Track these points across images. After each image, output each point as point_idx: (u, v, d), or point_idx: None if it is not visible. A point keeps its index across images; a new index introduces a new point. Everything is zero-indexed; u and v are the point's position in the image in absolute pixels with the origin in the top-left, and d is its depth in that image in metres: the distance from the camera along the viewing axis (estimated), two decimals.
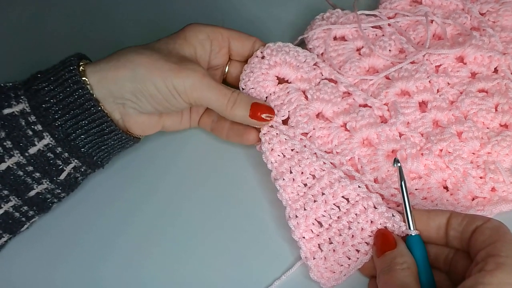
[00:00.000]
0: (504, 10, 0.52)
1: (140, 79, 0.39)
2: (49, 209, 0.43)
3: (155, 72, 0.40)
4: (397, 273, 0.35)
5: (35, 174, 0.39)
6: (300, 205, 0.41)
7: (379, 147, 0.44)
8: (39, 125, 0.39)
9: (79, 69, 0.40)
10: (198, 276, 0.41)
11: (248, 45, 0.47)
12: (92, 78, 0.40)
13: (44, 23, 0.60)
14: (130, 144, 0.45)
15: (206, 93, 0.41)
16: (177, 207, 0.45)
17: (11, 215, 0.41)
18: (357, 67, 0.49)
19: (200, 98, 0.41)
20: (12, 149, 0.38)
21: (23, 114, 0.38)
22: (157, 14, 0.59)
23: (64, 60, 0.41)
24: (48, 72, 0.40)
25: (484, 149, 0.44)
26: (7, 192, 0.39)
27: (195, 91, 0.41)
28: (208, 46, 0.45)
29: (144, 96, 0.40)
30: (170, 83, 0.40)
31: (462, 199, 0.42)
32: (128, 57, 0.40)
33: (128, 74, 0.39)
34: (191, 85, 0.40)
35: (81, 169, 0.42)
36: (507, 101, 0.46)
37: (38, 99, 0.39)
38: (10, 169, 0.39)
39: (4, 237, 0.42)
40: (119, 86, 0.40)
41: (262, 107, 0.44)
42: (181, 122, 0.47)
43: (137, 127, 0.43)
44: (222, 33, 0.46)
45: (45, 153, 0.39)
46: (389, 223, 0.39)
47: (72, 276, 0.42)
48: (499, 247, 0.32)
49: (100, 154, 0.43)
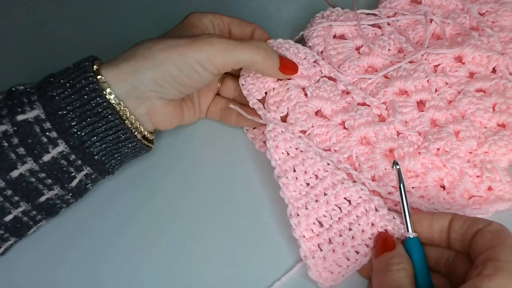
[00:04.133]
0: (503, 11, 0.52)
1: (160, 63, 0.39)
2: (57, 213, 0.42)
3: (172, 52, 0.39)
4: (393, 274, 0.35)
5: (47, 180, 0.39)
6: (302, 204, 0.41)
7: (377, 146, 0.45)
8: (54, 132, 0.38)
9: (95, 72, 0.39)
10: (199, 277, 0.41)
11: (248, 31, 0.48)
12: (110, 76, 0.39)
13: (50, 22, 0.60)
14: (142, 153, 0.44)
15: (230, 53, 0.40)
16: (178, 207, 0.45)
17: (20, 220, 0.40)
18: (356, 66, 0.49)
19: (226, 61, 0.40)
20: (26, 156, 0.37)
21: (38, 121, 0.37)
22: (160, 14, 0.60)
23: (78, 64, 0.40)
24: (62, 77, 0.39)
25: (481, 148, 0.44)
26: (18, 198, 0.39)
27: (219, 56, 0.40)
28: (212, 31, 0.45)
29: (167, 81, 0.40)
30: (191, 57, 0.39)
31: (458, 197, 0.42)
32: (145, 47, 0.40)
33: (148, 63, 0.39)
34: (213, 52, 0.39)
35: (92, 176, 0.41)
36: (504, 101, 0.46)
37: (53, 106, 0.38)
38: (23, 175, 0.38)
39: (11, 240, 0.41)
40: (140, 78, 0.39)
41: (288, 61, 0.45)
42: (195, 113, 0.47)
43: (163, 119, 0.43)
44: (223, 19, 0.46)
45: (59, 160, 0.38)
46: (389, 226, 0.39)
47: (73, 276, 0.42)
48: (498, 251, 0.32)
49: (112, 162, 0.42)
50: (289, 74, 0.45)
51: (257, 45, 0.42)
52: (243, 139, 0.49)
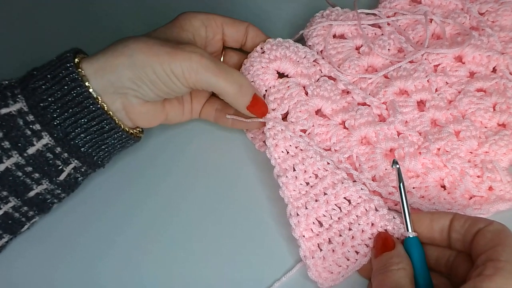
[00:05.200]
0: (503, 10, 0.52)
1: (139, 65, 0.38)
2: (49, 209, 0.42)
3: (152, 57, 0.38)
4: (392, 274, 0.35)
5: (34, 174, 0.39)
6: (301, 203, 0.41)
7: (377, 146, 0.44)
8: (38, 125, 0.38)
9: (76, 64, 0.39)
10: (198, 277, 0.41)
11: (242, 30, 0.47)
12: (89, 69, 0.39)
13: (39, 18, 0.60)
14: (131, 143, 0.44)
15: (205, 76, 0.39)
16: (177, 206, 0.45)
17: (11, 216, 0.40)
18: (356, 66, 0.49)
19: (198, 81, 0.40)
20: (11, 149, 0.37)
21: (21, 114, 0.37)
22: (156, 10, 0.59)
23: (60, 56, 0.40)
24: (45, 69, 0.39)
25: (482, 148, 0.44)
26: (6, 193, 0.38)
27: (193, 74, 0.39)
28: (203, 33, 0.45)
29: (145, 83, 0.39)
30: (168, 67, 0.38)
31: (459, 198, 0.42)
32: (125, 44, 0.39)
33: (126, 61, 0.38)
34: (188, 67, 0.39)
35: (81, 169, 0.41)
36: (505, 101, 0.46)
37: (35, 98, 0.38)
38: (9, 170, 0.38)
39: (5, 238, 0.41)
40: (118, 75, 0.39)
41: (261, 102, 0.43)
42: (183, 113, 0.46)
43: (141, 118, 0.42)
44: (216, 20, 0.45)
45: (44, 153, 0.38)
46: (389, 226, 0.39)
47: (72, 276, 0.42)
48: (499, 251, 0.32)
49: (100, 154, 0.42)
50: (256, 115, 0.43)
51: (234, 77, 0.41)
52: (243, 138, 0.49)
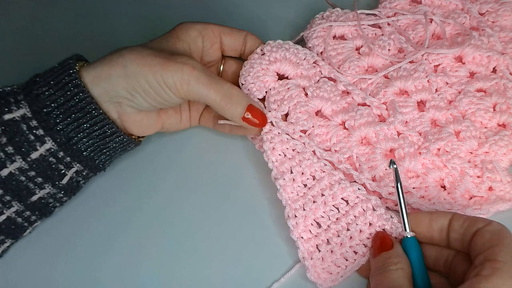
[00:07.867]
0: (504, 10, 0.52)
1: (132, 75, 0.39)
2: (51, 213, 0.43)
3: (145, 68, 0.39)
4: (390, 274, 0.35)
5: (37, 179, 0.39)
6: (299, 205, 0.41)
7: (377, 146, 0.45)
8: (41, 130, 0.38)
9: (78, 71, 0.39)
10: (198, 278, 0.41)
11: (240, 39, 0.47)
12: (87, 77, 0.39)
13: (42, 24, 0.60)
14: (132, 147, 0.45)
15: (196, 87, 0.40)
16: (177, 207, 0.45)
17: (14, 221, 0.40)
18: (356, 66, 0.49)
19: (190, 92, 0.40)
20: (14, 154, 0.38)
21: (24, 119, 0.38)
22: (156, 15, 0.60)
23: (62, 62, 0.40)
24: (47, 75, 0.40)
25: (482, 148, 0.44)
26: (9, 198, 0.39)
27: (184, 85, 0.39)
28: (200, 43, 0.45)
29: (138, 93, 0.40)
30: (160, 77, 0.39)
31: (459, 198, 0.42)
32: (120, 54, 0.40)
33: (121, 70, 0.39)
34: (179, 78, 0.39)
35: (83, 173, 0.42)
36: (505, 101, 0.46)
37: (39, 104, 0.38)
38: (12, 174, 0.38)
39: (7, 242, 0.42)
40: (112, 84, 0.39)
41: (257, 111, 0.43)
42: (180, 121, 0.47)
43: (136, 126, 0.43)
44: (213, 29, 0.46)
45: (47, 158, 0.39)
46: (387, 225, 0.39)
47: (72, 276, 0.42)
48: (497, 252, 0.32)
49: (102, 158, 0.42)
50: (253, 125, 0.43)
51: (224, 88, 0.41)
52: (243, 140, 0.49)
